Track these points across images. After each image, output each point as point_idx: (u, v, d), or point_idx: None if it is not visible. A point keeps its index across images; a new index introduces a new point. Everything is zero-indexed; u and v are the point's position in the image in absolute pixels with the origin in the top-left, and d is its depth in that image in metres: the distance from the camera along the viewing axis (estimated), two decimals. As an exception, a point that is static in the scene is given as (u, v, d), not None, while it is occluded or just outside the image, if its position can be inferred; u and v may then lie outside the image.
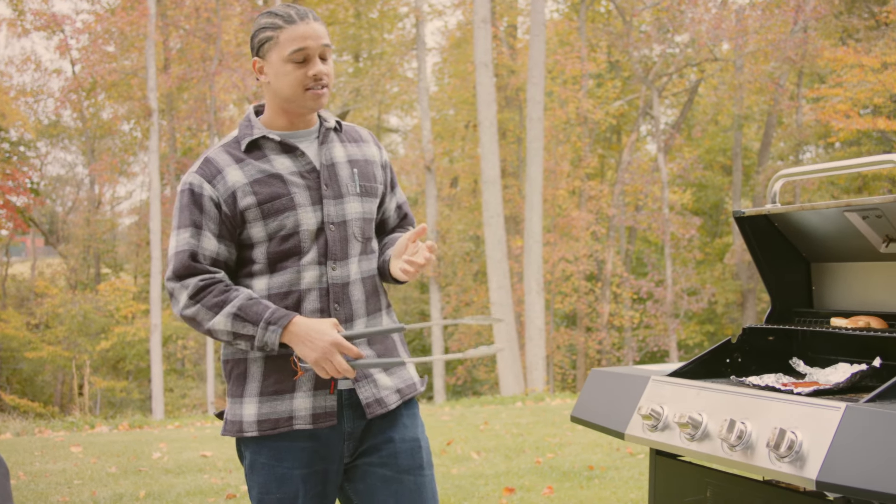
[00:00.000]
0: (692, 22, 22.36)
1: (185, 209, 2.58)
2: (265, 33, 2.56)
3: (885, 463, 2.15)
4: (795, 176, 3.06)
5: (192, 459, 7.75)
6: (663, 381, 2.95)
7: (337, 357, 2.46)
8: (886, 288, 3.09)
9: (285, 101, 2.60)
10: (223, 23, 22.00)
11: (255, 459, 2.63)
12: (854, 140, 24.68)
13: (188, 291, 2.52)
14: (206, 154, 2.64)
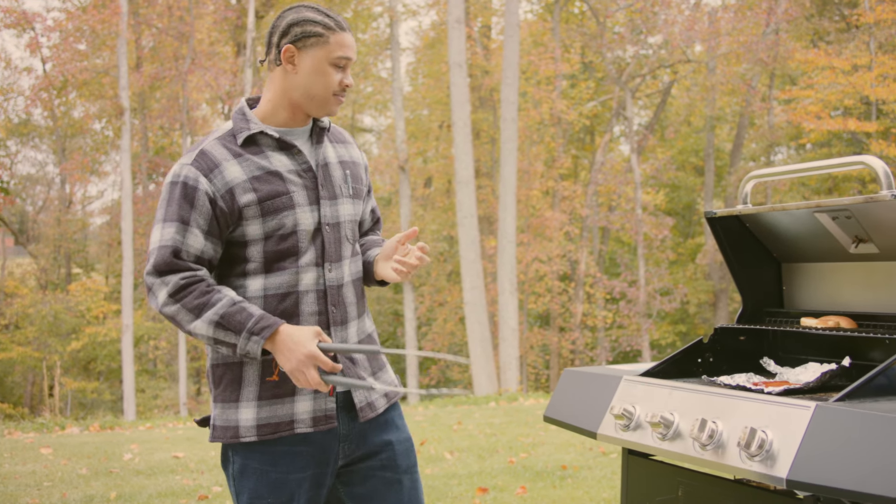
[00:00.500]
0: (665, 23, 22.48)
1: (175, 202, 2.49)
2: (314, 28, 2.53)
3: (854, 461, 2.16)
4: (766, 177, 3.08)
5: (163, 461, 7.70)
6: (635, 381, 2.96)
7: (311, 370, 2.42)
8: (856, 288, 3.12)
9: (308, 98, 2.57)
10: (196, 21, 21.89)
11: (246, 464, 2.58)
12: (825, 141, 24.89)
13: (168, 289, 2.44)
14: (201, 146, 2.56)
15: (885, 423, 2.16)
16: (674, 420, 2.69)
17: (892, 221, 2.80)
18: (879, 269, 3.02)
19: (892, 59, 20.98)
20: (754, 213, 3.18)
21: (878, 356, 2.79)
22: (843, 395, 2.42)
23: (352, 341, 2.66)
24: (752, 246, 3.37)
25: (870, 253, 3.00)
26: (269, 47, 2.60)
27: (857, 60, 20.95)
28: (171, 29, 21.93)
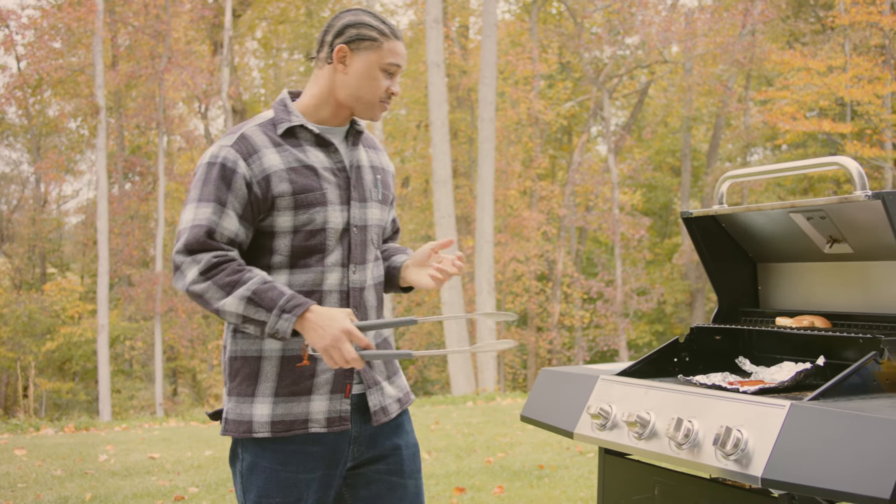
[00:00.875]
0: (642, 24, 22.56)
1: (212, 183, 2.48)
2: (370, 32, 2.56)
3: (828, 459, 2.18)
4: (742, 177, 3.10)
5: (139, 461, 7.66)
6: (612, 381, 2.97)
7: (346, 345, 2.38)
8: (830, 288, 3.14)
9: (355, 99, 2.59)
10: (172, 20, 21.78)
11: (257, 462, 2.55)
12: (800, 142, 25.06)
13: (199, 267, 2.41)
14: (242, 130, 2.56)
15: (858, 422, 2.18)
16: (650, 419, 2.70)
17: (865, 222, 2.83)
18: (853, 269, 3.04)
19: (867, 60, 21.14)
20: (730, 214, 3.20)
21: (851, 355, 2.81)
22: (817, 394, 2.43)
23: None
24: (727, 246, 3.39)
25: (844, 253, 3.02)
26: (321, 45, 2.62)
27: (833, 62, 21.10)
28: (148, 27, 21.81)
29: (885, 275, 2.92)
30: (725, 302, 3.40)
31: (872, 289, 2.98)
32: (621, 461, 3.11)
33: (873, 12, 20.53)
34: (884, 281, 2.93)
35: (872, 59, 21.40)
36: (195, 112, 26.12)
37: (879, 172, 21.61)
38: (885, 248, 2.85)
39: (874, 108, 20.74)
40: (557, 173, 28.58)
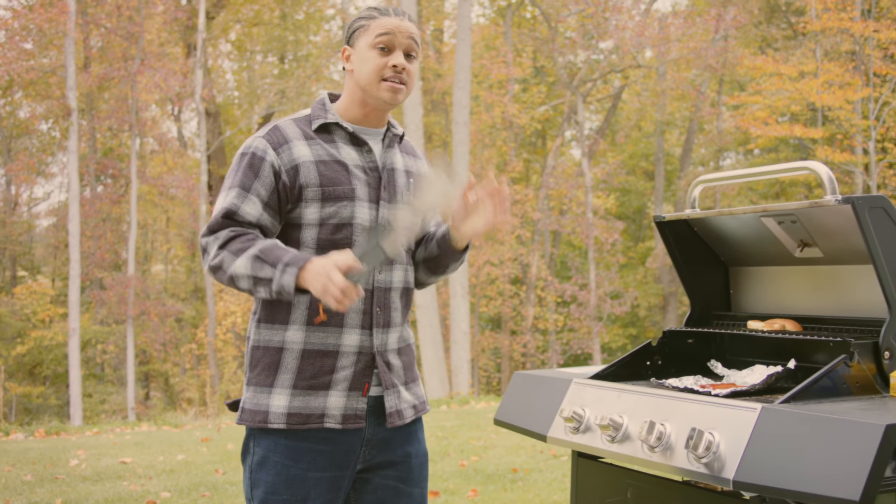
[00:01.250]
0: (616, 29, 22.65)
1: (240, 171, 2.54)
2: (359, 23, 2.63)
3: (799, 462, 2.19)
4: (714, 182, 3.12)
5: (110, 466, 7.60)
6: (585, 384, 2.98)
7: (334, 273, 2.31)
8: (801, 291, 3.16)
9: (363, 88, 2.61)
10: (146, 22, 21.67)
11: (268, 456, 2.55)
12: (772, 147, 25.25)
13: (219, 241, 2.47)
14: (276, 122, 2.61)
15: (828, 425, 2.19)
16: (623, 422, 2.71)
17: (835, 226, 2.85)
18: (824, 273, 3.06)
19: (838, 66, 21.33)
20: (702, 218, 3.22)
21: (822, 358, 2.83)
22: (788, 396, 2.45)
23: (391, 347, 2.66)
24: (700, 250, 3.41)
25: (814, 257, 3.04)
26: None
27: (804, 67, 21.28)
28: (120, 29, 21.68)
29: (855, 279, 2.95)
30: (698, 305, 3.41)
31: (842, 293, 3.01)
32: (594, 464, 3.12)
33: (844, 18, 20.73)
34: (853, 285, 2.96)
35: (843, 65, 21.60)
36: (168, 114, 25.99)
37: (850, 177, 21.81)
38: (855, 252, 2.87)
39: (845, 113, 20.93)
40: (531, 177, 28.65)
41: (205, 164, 22.32)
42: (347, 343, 2.57)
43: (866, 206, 2.62)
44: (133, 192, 21.60)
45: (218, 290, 22.92)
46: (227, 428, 10.49)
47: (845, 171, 21.66)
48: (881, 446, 2.07)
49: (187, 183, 22.51)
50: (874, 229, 2.61)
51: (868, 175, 21.09)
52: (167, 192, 23.69)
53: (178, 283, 27.18)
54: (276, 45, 27.44)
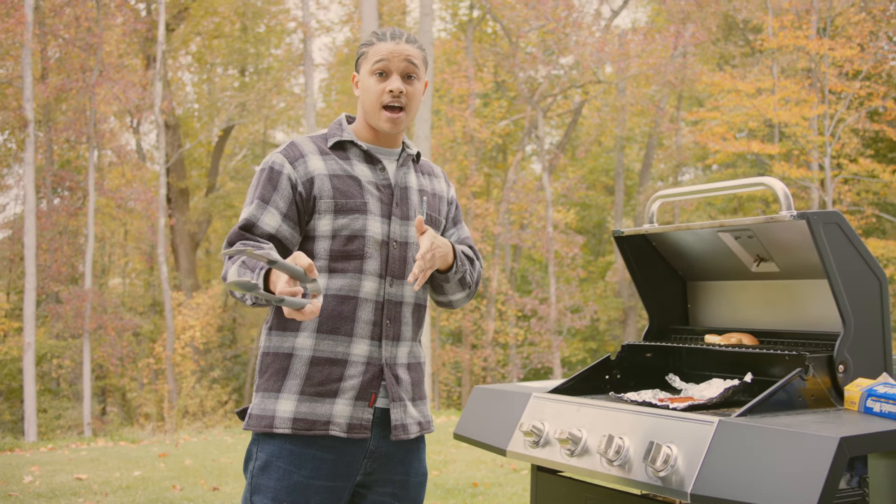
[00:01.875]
0: (577, 45, 22.81)
1: (259, 186, 2.60)
2: (361, 49, 2.72)
3: (755, 475, 2.21)
4: (672, 197, 3.15)
5: (65, 483, 7.49)
6: (544, 398, 2.98)
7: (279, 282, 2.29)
8: (757, 306, 3.20)
9: (367, 114, 2.69)
10: (104, 33, 21.49)
11: (271, 461, 2.56)
12: (730, 162, 25.51)
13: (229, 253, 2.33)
14: (294, 139, 2.69)
15: (784, 437, 2.21)
16: (581, 436, 2.72)
17: (791, 241, 2.88)
18: (779, 288, 3.10)
19: (794, 83, 21.63)
20: (660, 233, 3.24)
21: (778, 372, 2.86)
22: (744, 410, 2.47)
23: (401, 361, 2.69)
24: (658, 264, 3.44)
25: (770, 272, 3.08)
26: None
27: (761, 84, 21.55)
28: (79, 40, 21.48)
29: (810, 293, 2.99)
30: (656, 320, 3.44)
31: (798, 307, 3.04)
32: (553, 478, 3.13)
33: (800, 36, 21.04)
34: (809, 299, 3.00)
35: (799, 82, 21.91)
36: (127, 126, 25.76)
37: (806, 192, 22.09)
38: (810, 267, 2.91)
39: (801, 129, 21.21)
40: (492, 191, 28.72)
41: (164, 177, 22.14)
42: (356, 352, 2.59)
43: (821, 221, 2.65)
44: (90, 204, 21.37)
45: (176, 305, 22.72)
46: (185, 443, 10.39)
47: (802, 186, 21.94)
48: (835, 459, 2.09)
49: (146, 196, 22.32)
50: (828, 244, 2.65)
51: (824, 191, 21.38)
52: (125, 205, 23.46)
53: (135, 296, 26.91)
54: (237, 57, 27.33)
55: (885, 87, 21.89)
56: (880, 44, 22.01)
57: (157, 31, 22.35)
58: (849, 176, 22.03)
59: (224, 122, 24.78)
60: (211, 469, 8.20)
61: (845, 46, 21.05)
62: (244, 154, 29.33)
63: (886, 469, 2.53)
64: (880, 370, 2.73)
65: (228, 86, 27.22)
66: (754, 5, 23.67)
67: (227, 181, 27.66)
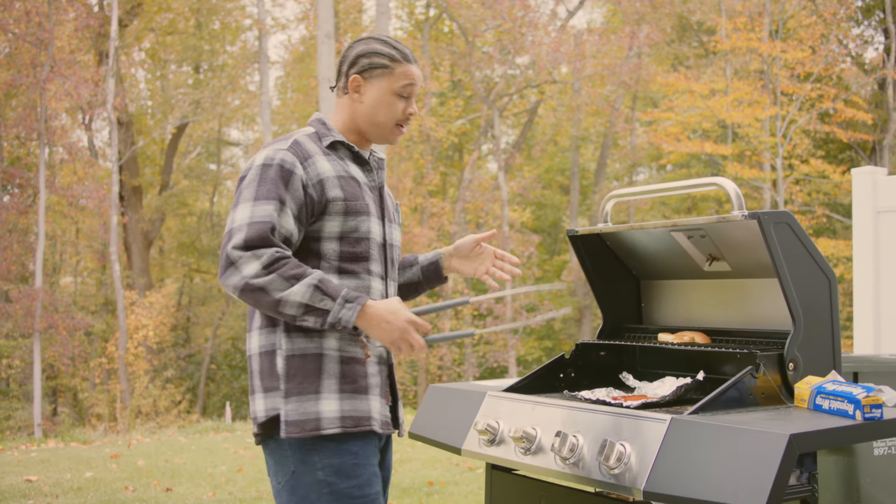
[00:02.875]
0: (533, 45, 22.89)
1: (271, 182, 2.51)
2: (380, 59, 2.67)
3: (707, 471, 2.23)
4: (626, 196, 3.17)
5: (15, 485, 7.38)
6: (499, 397, 2.99)
7: (413, 335, 2.47)
8: (709, 304, 3.23)
9: (372, 125, 2.70)
10: (56, 28, 21.19)
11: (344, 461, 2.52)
12: (684, 163, 25.75)
13: (262, 261, 2.41)
14: (294, 137, 2.63)
15: (735, 435, 2.24)
16: (536, 434, 2.73)
17: (742, 240, 2.92)
18: (731, 286, 3.13)
19: (747, 84, 21.89)
20: (614, 232, 3.26)
21: (729, 370, 2.89)
22: (696, 408, 2.49)
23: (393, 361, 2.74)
24: (612, 263, 3.46)
25: (722, 271, 3.11)
26: (338, 75, 2.76)
27: (715, 85, 21.78)
28: (29, 35, 21.15)
29: (762, 292, 3.02)
30: (610, 318, 3.46)
31: (749, 305, 3.08)
32: (508, 476, 3.14)
33: (753, 39, 21.28)
34: (760, 298, 3.03)
35: (752, 84, 22.17)
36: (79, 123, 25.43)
37: (758, 193, 22.36)
38: (761, 266, 2.95)
39: (754, 130, 21.47)
40: (448, 190, 28.74)
41: (116, 175, 21.90)
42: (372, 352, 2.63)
43: (771, 221, 2.68)
44: (41, 202, 21.07)
45: (129, 304, 22.47)
46: (137, 444, 10.28)
47: (754, 186, 22.21)
48: (785, 455, 2.12)
49: (98, 193, 22.05)
50: (779, 244, 2.68)
51: (776, 191, 21.66)
52: (77, 203, 23.15)
53: (87, 295, 26.58)
54: (191, 54, 27.09)
55: (835, 90, 22.22)
56: (831, 46, 22.34)
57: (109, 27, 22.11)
58: (800, 176, 22.33)
59: (178, 119, 24.54)
60: (164, 470, 8.13)
61: (797, 49, 21.34)
62: (198, 152, 29.08)
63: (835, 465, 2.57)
64: (829, 368, 2.77)
65: (182, 83, 26.97)
66: (708, 7, 23.92)
67: (181, 179, 27.41)
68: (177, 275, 28.68)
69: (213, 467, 8.25)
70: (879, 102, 24.66)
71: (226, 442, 10.20)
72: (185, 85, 26.73)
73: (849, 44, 25.25)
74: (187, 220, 29.00)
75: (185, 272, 28.97)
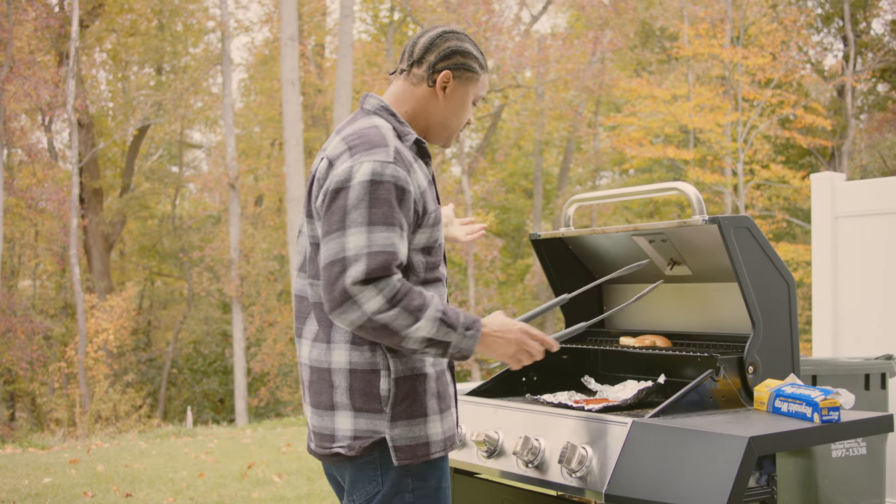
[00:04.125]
0: (496, 49, 22.95)
1: (385, 203, 2.26)
2: (473, 63, 2.52)
3: (667, 474, 2.24)
4: (588, 201, 3.18)
5: (-29, 490, 7.28)
6: (462, 400, 2.99)
7: (531, 343, 2.39)
8: (671, 308, 3.25)
9: (443, 126, 2.54)
10: (15, 28, 20.94)
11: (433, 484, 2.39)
12: (647, 167, 25.93)
13: (385, 294, 2.21)
14: (392, 144, 2.36)
15: (695, 437, 2.25)
16: (498, 438, 2.73)
17: (703, 245, 2.94)
18: (692, 290, 3.15)
19: (709, 90, 22.09)
20: (576, 236, 3.27)
21: (690, 373, 2.91)
22: (657, 411, 2.51)
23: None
24: (574, 267, 3.47)
25: (683, 275, 3.13)
26: (419, 62, 2.51)
27: (677, 91, 21.96)
28: (-12, 35, 20.89)
29: (722, 296, 3.04)
30: (572, 322, 3.47)
31: (710, 309, 3.10)
32: (470, 480, 3.14)
33: (714, 45, 21.49)
34: (720, 302, 3.05)
35: (714, 90, 22.38)
36: (38, 125, 25.14)
37: (720, 197, 22.56)
38: (722, 270, 2.97)
39: (715, 135, 21.67)
40: (412, 194, 28.71)
41: (76, 177, 21.66)
42: (444, 362, 2.50)
43: (731, 225, 2.71)
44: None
45: (89, 307, 22.24)
46: (97, 449, 10.17)
47: (715, 191, 22.40)
48: (744, 458, 2.14)
49: (58, 196, 21.80)
50: (739, 248, 2.70)
51: (737, 196, 21.86)
52: (36, 205, 22.87)
53: (46, 299, 26.28)
54: (153, 55, 26.87)
55: (795, 96, 22.49)
56: (791, 53, 22.62)
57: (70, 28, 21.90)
58: (761, 181, 22.57)
59: (139, 121, 24.34)
60: (124, 475, 8.04)
61: (758, 55, 21.57)
62: (160, 154, 28.84)
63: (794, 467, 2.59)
64: (788, 371, 2.80)
65: (144, 84, 26.73)
66: (671, 13, 24.11)
67: (143, 181, 27.17)
68: (138, 278, 28.42)
69: (174, 472, 8.18)
70: (838, 109, 25.00)
71: (187, 447, 10.11)
72: (147, 86, 26.51)
73: (808, 51, 25.61)
74: (149, 223, 28.74)
75: (146, 275, 28.72)
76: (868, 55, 25.57)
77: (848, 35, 24.68)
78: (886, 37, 26.02)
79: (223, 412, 26.54)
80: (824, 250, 4.89)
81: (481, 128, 29.62)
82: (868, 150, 26.80)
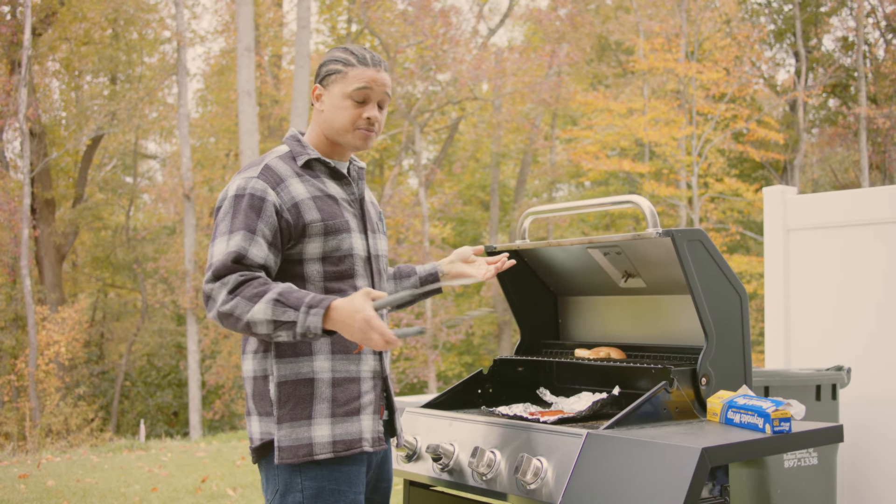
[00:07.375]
0: (454, 62, 23.02)
1: (241, 213, 2.50)
2: (335, 66, 2.66)
3: (622, 485, 2.25)
4: (543, 213, 3.20)
5: (-83, 506, 7.14)
6: (417, 413, 2.99)
7: (372, 334, 2.37)
8: (625, 320, 3.27)
9: (334, 132, 2.65)
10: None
11: (322, 486, 2.51)
12: (603, 180, 26.11)
13: (227, 287, 2.42)
14: (265, 162, 2.60)
15: (649, 449, 2.27)
16: (453, 450, 2.73)
17: (657, 257, 2.96)
18: (646, 303, 3.18)
19: (664, 104, 22.32)
20: (532, 249, 3.29)
21: (644, 385, 2.93)
22: (611, 422, 2.52)
23: (388, 369, 2.69)
24: (529, 280, 3.48)
25: (638, 287, 3.15)
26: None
27: (632, 104, 22.16)
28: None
29: (675, 308, 3.07)
30: (527, 334, 3.48)
31: (664, 321, 3.12)
32: (426, 493, 3.13)
33: (669, 59, 21.72)
34: (674, 314, 3.08)
35: (669, 103, 22.62)
36: (-10, 134, 24.77)
37: (675, 210, 22.77)
38: (675, 282, 2.99)
39: (670, 149, 21.88)
40: (369, 205, 28.67)
41: (28, 187, 21.37)
42: (366, 368, 2.60)
43: (685, 238, 2.73)
44: (-51, 214, 20.46)
45: (40, 319, 21.93)
46: (47, 463, 10.02)
47: (670, 204, 22.61)
48: (697, 468, 2.15)
49: (9, 206, 21.49)
50: (692, 261, 2.73)
51: (691, 209, 22.08)
52: (-14, 216, 22.52)
53: (-3, 310, 25.85)
54: (108, 64, 26.60)
55: (748, 110, 22.80)
56: (744, 68, 22.93)
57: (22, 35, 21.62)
58: (715, 195, 22.82)
59: (93, 130, 24.06)
60: (75, 490, 7.93)
61: (712, 70, 21.84)
62: (114, 164, 28.54)
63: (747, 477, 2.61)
64: (741, 382, 2.82)
65: (98, 94, 26.45)
66: (627, 28, 24.34)
67: (96, 192, 26.85)
68: (91, 290, 28.06)
69: (127, 486, 8.08)
70: (790, 123, 25.38)
71: (140, 461, 9.99)
72: (101, 96, 26.23)
73: (761, 66, 25.99)
74: (102, 234, 28.41)
75: (99, 287, 28.37)
76: (819, 71, 26.00)
77: (800, 51, 25.08)
78: (837, 53, 26.47)
79: (177, 425, 26.26)
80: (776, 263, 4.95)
81: (438, 140, 29.69)
82: (819, 164, 27.22)
